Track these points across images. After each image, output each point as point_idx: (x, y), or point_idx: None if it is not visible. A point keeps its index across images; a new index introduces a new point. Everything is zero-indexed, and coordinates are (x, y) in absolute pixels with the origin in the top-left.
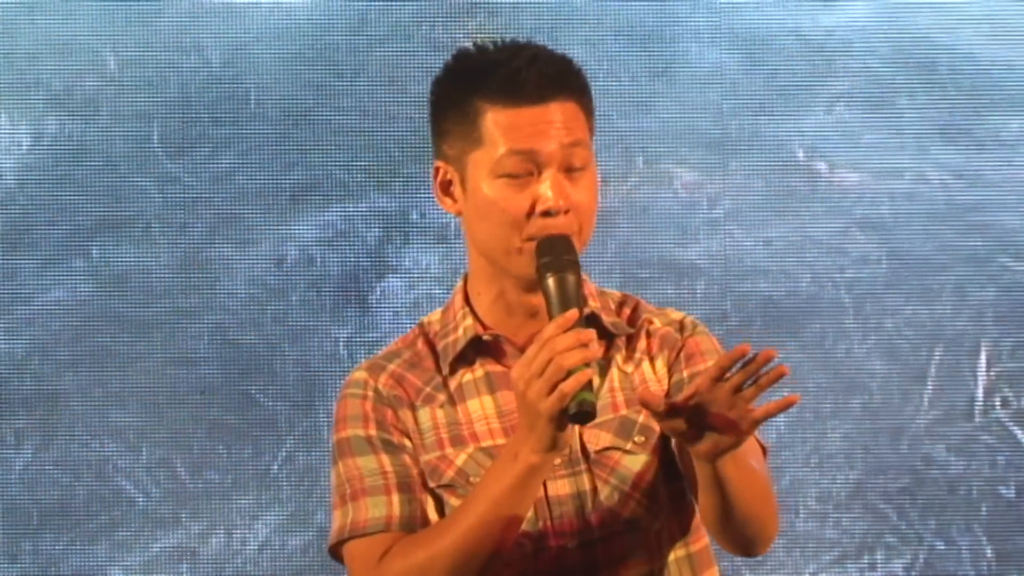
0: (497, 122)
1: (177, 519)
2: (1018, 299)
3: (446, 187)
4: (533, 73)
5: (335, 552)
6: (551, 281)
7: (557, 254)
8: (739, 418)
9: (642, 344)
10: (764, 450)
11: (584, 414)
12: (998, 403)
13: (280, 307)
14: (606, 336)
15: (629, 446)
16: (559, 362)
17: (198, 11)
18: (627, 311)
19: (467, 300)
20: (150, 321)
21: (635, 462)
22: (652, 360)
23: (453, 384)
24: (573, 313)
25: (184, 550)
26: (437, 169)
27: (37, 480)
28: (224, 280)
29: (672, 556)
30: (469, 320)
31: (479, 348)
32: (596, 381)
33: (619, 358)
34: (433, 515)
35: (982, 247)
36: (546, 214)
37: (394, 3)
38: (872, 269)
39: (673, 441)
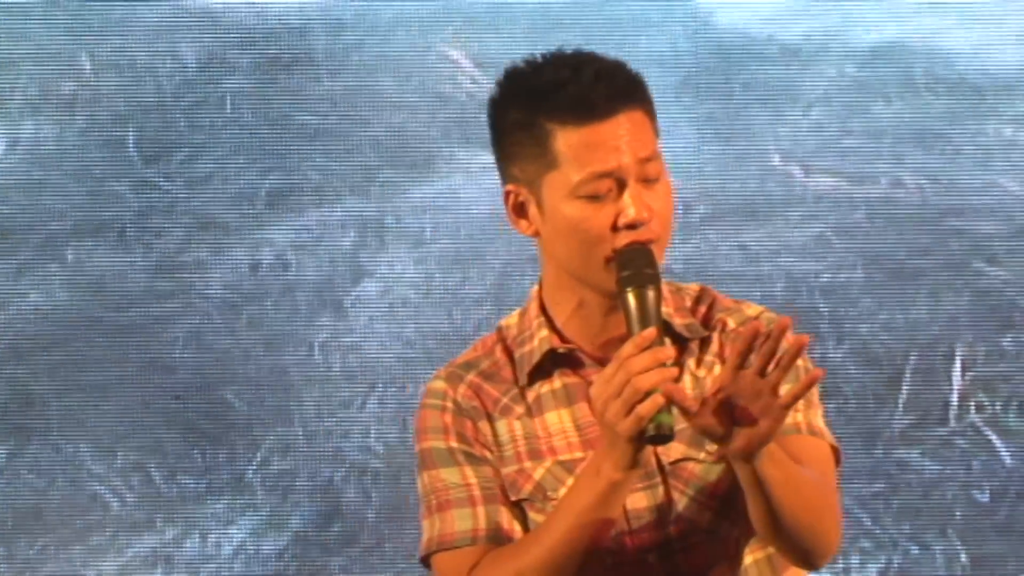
0: (570, 143)
1: (152, 523)
2: (993, 304)
3: (520, 210)
4: (601, 89)
5: (425, 562)
6: (631, 296)
7: (637, 267)
8: (766, 408)
9: (715, 347)
10: (836, 451)
11: (662, 436)
12: (973, 408)
13: (255, 312)
14: (679, 340)
15: (702, 455)
16: (636, 384)
17: (174, 15)
18: (703, 309)
19: (543, 308)
20: (125, 326)
21: (709, 471)
22: (724, 363)
23: (531, 396)
24: (652, 332)
25: (159, 555)
26: (508, 193)
27: (11, 485)
28: (199, 285)
29: (751, 559)
30: (544, 331)
31: (556, 359)
32: None
33: (691, 363)
34: (516, 526)
35: (958, 252)
36: (630, 227)
37: (371, 7)
38: (847, 274)
39: None
